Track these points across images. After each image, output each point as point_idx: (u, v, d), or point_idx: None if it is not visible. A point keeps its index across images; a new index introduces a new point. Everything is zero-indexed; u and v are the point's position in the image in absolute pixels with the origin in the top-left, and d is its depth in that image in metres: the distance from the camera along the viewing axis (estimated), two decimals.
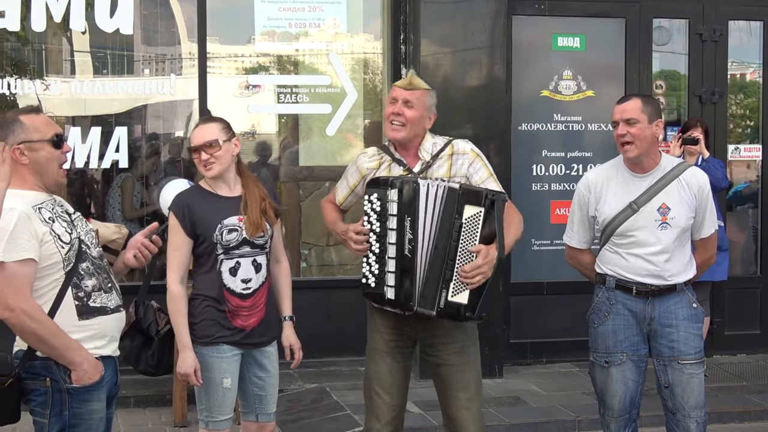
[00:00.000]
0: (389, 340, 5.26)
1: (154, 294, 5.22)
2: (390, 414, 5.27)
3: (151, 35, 9.16)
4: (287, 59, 9.39)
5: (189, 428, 7.45)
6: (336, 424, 7.40)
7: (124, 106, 9.04)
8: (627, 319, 5.48)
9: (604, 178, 5.56)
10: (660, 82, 9.58)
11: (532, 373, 8.99)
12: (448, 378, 5.24)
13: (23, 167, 4.30)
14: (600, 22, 9.36)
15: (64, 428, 4.31)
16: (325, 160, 9.51)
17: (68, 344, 4.24)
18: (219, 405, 5.11)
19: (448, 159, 5.24)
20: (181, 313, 5.07)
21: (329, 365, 8.87)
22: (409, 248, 4.94)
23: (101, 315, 4.38)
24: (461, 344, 5.24)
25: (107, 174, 8.92)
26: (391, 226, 4.98)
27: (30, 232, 4.17)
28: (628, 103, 5.47)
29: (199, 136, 5.14)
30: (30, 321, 4.15)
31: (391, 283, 5.00)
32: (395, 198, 4.96)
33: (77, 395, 4.30)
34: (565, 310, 9.14)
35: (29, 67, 8.76)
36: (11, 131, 4.30)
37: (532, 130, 9.26)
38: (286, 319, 5.39)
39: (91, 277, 4.36)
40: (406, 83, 5.27)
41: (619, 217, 5.43)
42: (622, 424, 5.58)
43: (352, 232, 5.11)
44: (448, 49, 8.74)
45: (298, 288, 5.65)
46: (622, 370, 5.50)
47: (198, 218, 5.06)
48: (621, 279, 5.46)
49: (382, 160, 5.29)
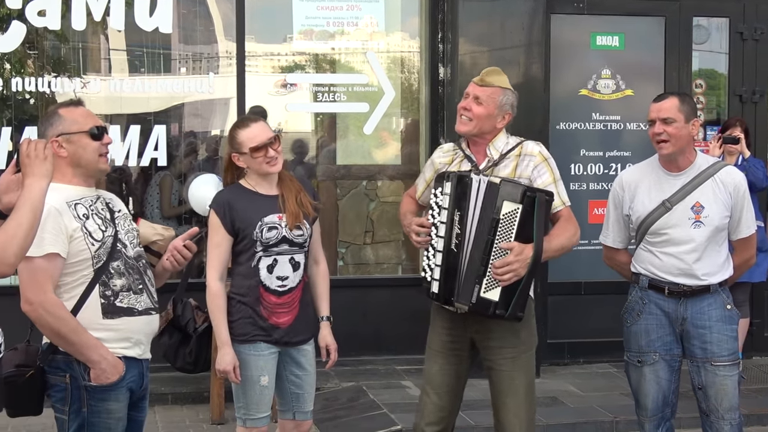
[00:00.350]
0: (445, 341, 5.22)
1: (192, 292, 5.24)
2: (436, 414, 5.22)
3: (189, 34, 9.20)
4: (324, 58, 9.40)
5: (226, 425, 7.47)
6: (372, 423, 7.40)
7: (163, 105, 9.08)
8: (659, 318, 5.45)
9: (639, 177, 5.55)
10: (699, 81, 9.51)
11: (570, 373, 8.96)
12: (498, 382, 5.18)
13: (62, 160, 4.33)
14: (639, 21, 9.31)
15: (83, 425, 4.32)
16: (362, 158, 9.52)
17: (87, 341, 4.24)
18: (256, 403, 5.12)
19: (515, 159, 5.18)
20: (220, 309, 5.08)
21: (366, 364, 8.87)
22: (456, 243, 4.91)
23: (127, 316, 4.36)
24: (515, 349, 5.15)
25: (146, 172, 8.96)
26: (442, 219, 4.95)
27: (59, 227, 4.19)
28: (665, 101, 5.45)
29: (260, 133, 5.13)
30: (47, 315, 4.17)
31: (436, 277, 4.97)
32: (448, 191, 4.93)
33: (95, 393, 4.30)
34: (603, 310, 9.09)
35: (69, 65, 8.82)
36: (50, 124, 4.35)
37: (570, 129, 9.22)
38: (323, 319, 5.38)
39: (121, 276, 4.36)
40: (479, 79, 5.24)
41: (653, 215, 5.41)
42: (656, 423, 5.55)
43: (416, 225, 5.09)
44: (486, 47, 8.72)
45: (335, 287, 5.64)
46: (655, 369, 5.48)
47: (238, 216, 5.07)
48: (654, 278, 5.44)
49: (455, 155, 5.26)
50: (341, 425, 7.42)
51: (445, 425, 5.28)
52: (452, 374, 5.24)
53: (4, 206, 4.14)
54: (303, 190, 5.26)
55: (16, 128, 8.38)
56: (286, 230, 5.10)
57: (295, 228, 5.14)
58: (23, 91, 8.50)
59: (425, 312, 9.14)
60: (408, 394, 8.11)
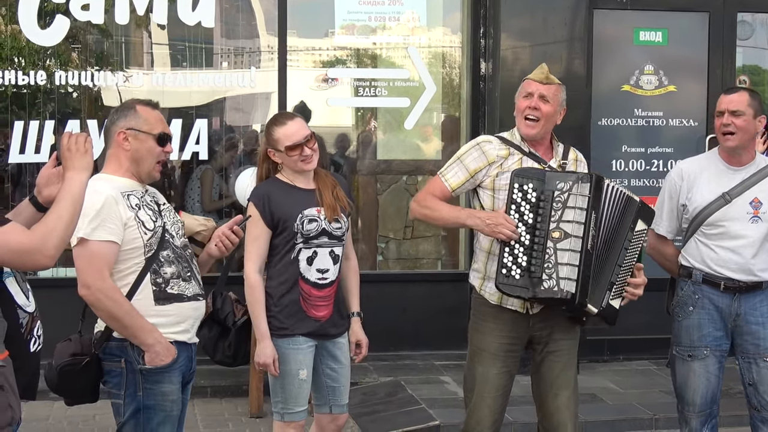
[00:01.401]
0: (503, 344, 5.18)
1: (231, 285, 5.26)
2: (492, 418, 5.22)
3: (231, 28, 9.23)
4: (366, 52, 9.40)
5: (265, 419, 7.50)
6: (410, 418, 7.40)
7: (204, 99, 9.12)
8: (712, 314, 5.46)
9: (698, 168, 5.55)
10: (743, 78, 9.43)
11: (609, 370, 8.90)
12: (551, 375, 5.22)
13: (123, 152, 4.45)
14: (683, 16, 9.23)
15: (139, 409, 4.41)
16: (403, 153, 9.52)
17: (141, 325, 4.34)
18: (295, 396, 5.13)
19: (573, 164, 5.26)
20: (259, 302, 5.10)
21: (404, 359, 8.87)
22: (591, 244, 4.88)
23: (178, 302, 4.46)
24: (572, 341, 5.27)
25: (187, 165, 9.00)
26: (578, 219, 4.87)
27: (115, 215, 4.30)
28: (736, 94, 5.47)
29: (297, 132, 5.13)
30: (105, 299, 4.27)
31: (573, 277, 4.85)
32: (587, 193, 4.87)
33: (150, 376, 4.39)
34: (643, 307, 8.92)
35: (112, 59, 8.88)
36: (124, 116, 4.47)
37: (612, 125, 9.16)
38: (354, 315, 5.39)
39: (171, 264, 4.45)
40: (543, 77, 5.18)
41: (711, 207, 5.42)
42: (703, 419, 5.54)
43: (503, 219, 4.93)
44: (528, 43, 8.69)
45: (374, 281, 5.67)
46: (705, 364, 5.48)
47: (278, 208, 5.09)
48: (709, 273, 5.43)
49: (510, 151, 5.17)
50: (379, 420, 7.42)
51: (497, 426, 5.29)
52: (509, 376, 5.25)
53: (45, 199, 4.20)
54: (338, 185, 5.28)
55: (59, 122, 8.44)
56: (325, 223, 5.12)
57: (334, 221, 5.15)
58: (66, 84, 8.56)
59: (464, 307, 9.08)
60: (446, 390, 8.10)
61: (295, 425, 5.18)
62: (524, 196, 4.93)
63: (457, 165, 5.22)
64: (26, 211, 4.24)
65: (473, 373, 5.25)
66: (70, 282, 4.53)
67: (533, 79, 5.19)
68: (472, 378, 5.26)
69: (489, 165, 5.14)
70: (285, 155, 5.12)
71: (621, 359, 9.12)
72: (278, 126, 5.18)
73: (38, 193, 4.25)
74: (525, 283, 4.89)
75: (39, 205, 4.22)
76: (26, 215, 4.19)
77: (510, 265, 4.92)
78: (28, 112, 8.51)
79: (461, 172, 5.20)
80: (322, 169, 5.34)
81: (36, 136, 8.33)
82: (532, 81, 5.18)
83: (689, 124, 9.23)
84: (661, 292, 5.84)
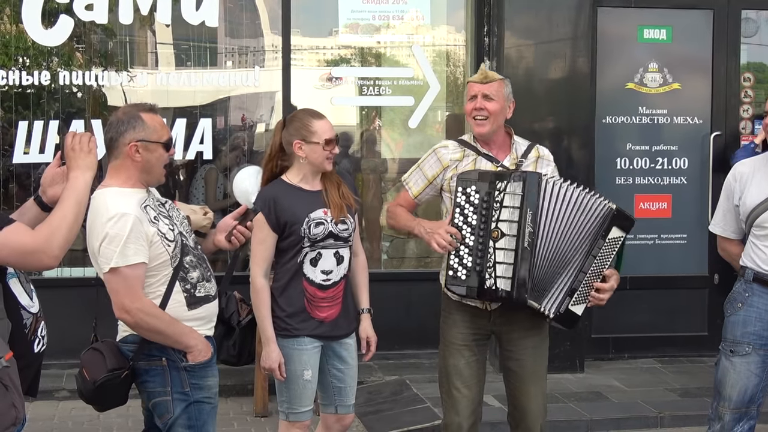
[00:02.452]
0: (467, 334, 5.27)
1: (236, 284, 5.26)
2: (470, 407, 5.30)
3: (235, 27, 9.23)
4: (370, 51, 9.39)
5: (270, 418, 7.50)
6: (415, 417, 7.40)
7: (209, 98, 9.12)
8: (760, 312, 5.44)
9: (752, 169, 5.54)
10: (748, 75, 9.40)
11: (614, 368, 8.90)
12: (520, 371, 5.30)
13: (133, 164, 4.41)
14: (687, 14, 9.21)
15: (190, 404, 4.46)
16: (407, 152, 9.51)
17: (182, 330, 4.41)
18: (299, 397, 5.14)
19: (534, 162, 5.30)
20: (265, 306, 5.10)
21: (409, 357, 8.87)
22: (528, 241, 4.91)
23: (206, 303, 4.54)
24: (537, 338, 5.31)
25: (191, 165, 9.00)
26: (512, 218, 4.93)
27: (142, 236, 4.29)
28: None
29: (331, 128, 5.17)
30: (147, 317, 4.31)
31: (507, 275, 4.93)
32: (519, 191, 4.92)
33: (195, 372, 4.47)
34: (648, 306, 9.04)
35: (116, 59, 8.87)
36: (132, 127, 4.39)
37: (617, 123, 9.15)
38: (363, 311, 5.39)
39: (195, 269, 4.49)
40: (481, 77, 5.31)
41: (759, 208, 5.41)
42: (737, 416, 5.50)
43: (443, 230, 5.05)
44: (532, 41, 8.68)
45: (379, 280, 5.66)
46: (747, 361, 5.45)
47: (285, 212, 5.07)
48: (759, 272, 5.43)
49: (465, 153, 5.29)
50: (384, 419, 7.43)
51: (477, 416, 5.37)
52: (479, 365, 5.34)
53: (49, 198, 4.20)
54: (343, 183, 5.27)
55: (63, 122, 8.45)
56: (332, 225, 5.11)
57: (340, 222, 5.14)
58: (70, 84, 8.57)
59: None
60: None
61: (300, 425, 5.18)
62: (467, 198, 5.04)
63: (417, 173, 5.40)
64: (31, 210, 4.25)
65: (445, 366, 5.35)
66: (73, 282, 4.56)
67: (474, 81, 5.32)
68: (445, 372, 5.36)
69: (444, 169, 5.28)
70: (319, 148, 5.09)
71: (626, 357, 9.11)
72: (316, 119, 5.16)
73: (43, 193, 4.26)
74: (470, 283, 5.03)
75: (44, 205, 4.23)
76: (31, 215, 4.20)
77: (456, 266, 5.06)
78: (33, 112, 8.51)
79: (421, 180, 5.38)
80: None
81: (40, 136, 8.34)
82: (473, 83, 5.32)
83: (694, 121, 9.21)
84: (665, 290, 5.85)
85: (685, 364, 8.85)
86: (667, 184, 9.15)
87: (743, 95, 9.34)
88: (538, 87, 8.64)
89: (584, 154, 8.62)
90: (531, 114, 8.41)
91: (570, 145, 8.63)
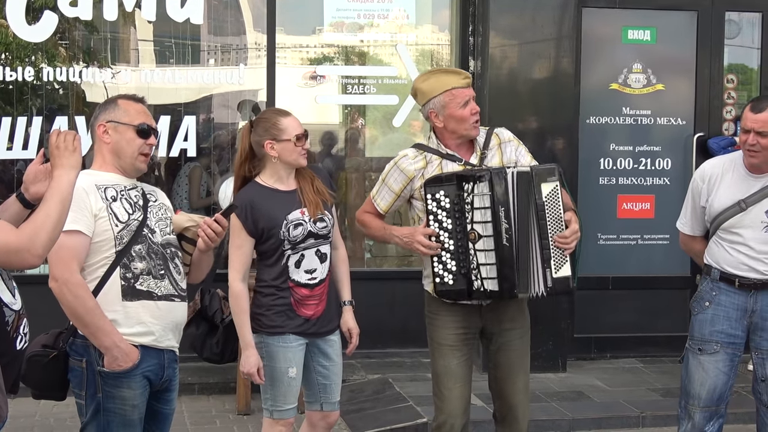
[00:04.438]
0: (458, 335, 5.27)
1: (220, 282, 5.25)
2: (462, 406, 5.31)
3: (219, 25, 9.21)
4: (354, 50, 9.39)
5: (252, 416, 7.50)
6: (398, 415, 7.40)
7: (192, 96, 9.09)
8: (727, 311, 5.49)
9: (720, 171, 5.55)
10: (731, 76, 9.44)
11: (596, 368, 8.92)
12: (508, 362, 5.33)
13: (104, 146, 4.44)
14: (671, 15, 9.24)
15: (99, 410, 4.37)
16: (391, 151, 9.45)
17: (102, 326, 4.28)
18: (284, 394, 5.13)
19: (497, 149, 5.30)
20: (243, 311, 5.07)
21: (392, 356, 8.87)
22: (506, 237, 4.95)
23: (146, 299, 4.40)
24: (522, 329, 5.35)
25: (175, 162, 8.98)
26: (485, 219, 4.96)
27: (84, 206, 4.25)
28: (764, 114, 5.32)
29: (299, 124, 5.16)
30: (68, 293, 4.23)
31: (492, 275, 4.98)
32: (486, 191, 4.94)
33: (108, 379, 4.35)
34: (631, 306, 9.07)
35: (100, 56, 8.85)
36: (105, 109, 4.47)
37: (600, 123, 9.17)
38: (345, 303, 5.38)
39: (143, 260, 4.39)
40: (468, 80, 5.29)
41: (726, 213, 5.44)
42: (707, 415, 5.55)
43: (421, 235, 5.09)
44: (517, 41, 8.69)
45: (362, 279, 5.67)
46: (715, 359, 5.50)
47: (262, 216, 5.05)
48: (724, 272, 5.48)
49: (427, 159, 5.26)
50: (367, 417, 7.43)
51: (468, 415, 5.39)
52: (468, 364, 5.35)
53: (32, 196, 4.18)
54: (316, 177, 5.25)
55: (46, 118, 8.42)
56: (311, 224, 5.10)
57: (319, 220, 5.13)
58: (54, 81, 8.54)
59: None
60: None
61: (284, 422, 5.17)
62: (438, 204, 5.05)
63: (384, 188, 5.37)
64: (12, 207, 4.22)
65: (436, 367, 5.35)
66: None
67: (462, 87, 5.24)
68: (436, 372, 5.36)
69: (410, 180, 5.26)
70: (291, 145, 5.08)
71: (608, 357, 9.13)
72: (283, 116, 5.16)
73: (25, 190, 4.23)
74: (459, 286, 5.07)
75: (26, 202, 4.20)
76: (12, 212, 4.18)
77: (442, 272, 5.09)
78: (16, 108, 8.48)
79: (388, 195, 5.35)
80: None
81: (23, 133, 8.31)
82: (462, 90, 5.22)
83: (677, 122, 9.24)
84: (647, 290, 5.87)
85: (666, 364, 8.87)
86: (650, 184, 9.18)
87: (726, 97, 9.37)
88: (522, 87, 8.66)
89: (568, 154, 8.63)
90: (515, 114, 8.43)
91: (553, 146, 8.64)
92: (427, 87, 5.29)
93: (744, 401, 7.24)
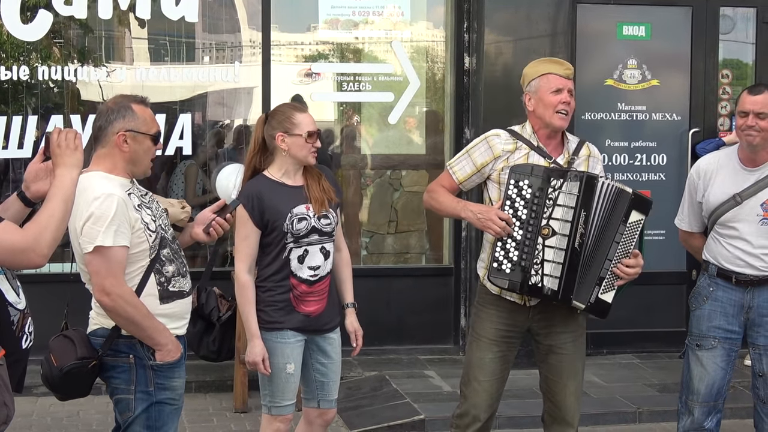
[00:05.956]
0: (501, 329, 5.24)
1: (216, 280, 5.25)
2: (487, 401, 5.28)
3: (214, 23, 9.20)
4: (349, 47, 9.39)
5: (249, 414, 7.50)
6: (395, 412, 7.41)
7: (187, 94, 9.08)
8: (724, 306, 5.52)
9: (716, 167, 5.58)
10: (726, 71, 9.45)
11: (593, 363, 8.89)
12: (559, 365, 5.29)
13: (120, 153, 4.39)
14: (666, 11, 9.25)
15: (152, 404, 4.43)
16: (386, 148, 9.52)
17: (156, 326, 4.37)
18: (282, 390, 5.14)
19: (585, 160, 5.27)
20: (249, 302, 5.10)
21: (389, 353, 8.88)
22: (579, 242, 4.94)
23: (179, 299, 4.50)
24: (575, 333, 5.29)
25: (170, 160, 8.98)
26: (566, 218, 4.94)
27: (126, 219, 4.27)
28: (762, 96, 5.38)
29: (313, 121, 5.17)
30: (126, 305, 4.27)
31: (556, 275, 4.95)
32: (575, 191, 4.93)
33: (162, 372, 4.43)
34: (627, 301, 8.91)
35: (94, 54, 8.84)
36: (122, 116, 4.38)
37: (596, 119, 9.18)
38: (348, 305, 5.40)
39: (171, 263, 4.46)
40: (569, 72, 5.25)
41: (722, 207, 5.47)
42: (706, 410, 5.58)
43: (495, 214, 5.00)
44: (512, 37, 8.70)
45: (359, 276, 5.66)
46: (713, 355, 5.53)
47: (268, 208, 5.07)
48: (722, 268, 5.50)
49: (517, 145, 5.21)
50: (364, 414, 7.44)
51: (494, 410, 5.36)
52: (504, 362, 5.30)
53: (33, 194, 4.19)
54: (323, 176, 5.27)
55: (42, 117, 8.42)
56: (314, 220, 5.12)
57: (323, 217, 5.15)
58: (49, 79, 8.53)
59: (448, 302, 9.13)
60: (431, 384, 8.12)
61: (282, 419, 5.18)
62: (519, 192, 4.99)
63: (465, 158, 5.29)
64: (14, 206, 4.22)
65: (470, 358, 5.33)
66: (58, 278, 4.53)
67: (560, 74, 5.20)
68: (468, 363, 5.34)
69: (495, 159, 5.19)
70: (301, 141, 5.09)
71: (605, 353, 9.13)
72: (298, 112, 5.18)
73: (26, 189, 4.23)
74: (514, 277, 4.98)
75: (27, 201, 4.21)
76: (13, 210, 4.18)
77: (501, 258, 5.00)
78: (11, 107, 8.47)
79: (468, 166, 5.27)
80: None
81: (19, 132, 8.30)
82: (559, 77, 5.19)
83: (672, 118, 9.25)
84: (646, 286, 5.88)
85: (663, 360, 8.89)
86: (645, 180, 9.19)
87: (721, 92, 9.38)
88: (518, 83, 8.53)
89: None
90: (510, 110, 8.40)
91: None
92: (529, 71, 5.31)
93: (741, 396, 7.27)
